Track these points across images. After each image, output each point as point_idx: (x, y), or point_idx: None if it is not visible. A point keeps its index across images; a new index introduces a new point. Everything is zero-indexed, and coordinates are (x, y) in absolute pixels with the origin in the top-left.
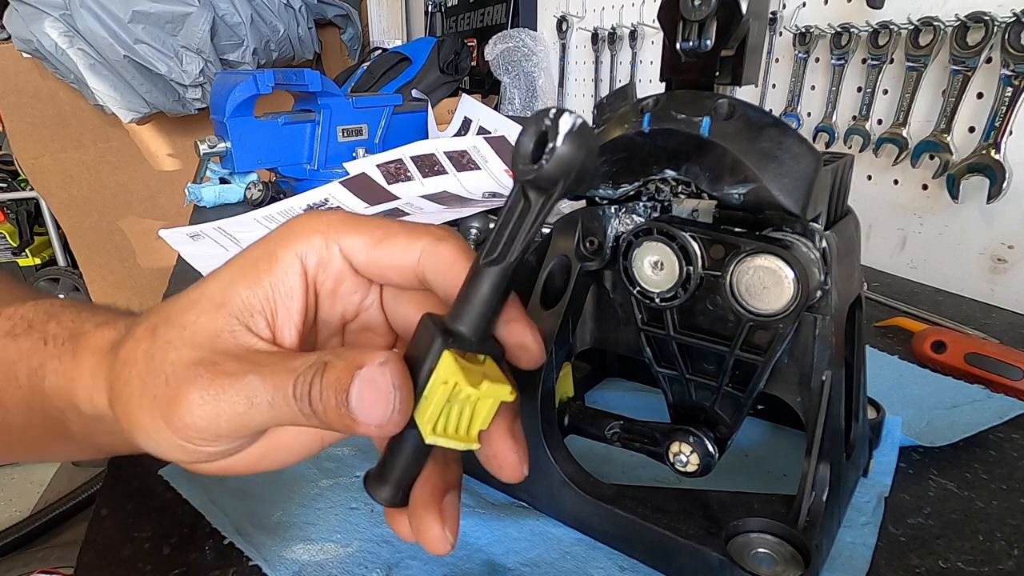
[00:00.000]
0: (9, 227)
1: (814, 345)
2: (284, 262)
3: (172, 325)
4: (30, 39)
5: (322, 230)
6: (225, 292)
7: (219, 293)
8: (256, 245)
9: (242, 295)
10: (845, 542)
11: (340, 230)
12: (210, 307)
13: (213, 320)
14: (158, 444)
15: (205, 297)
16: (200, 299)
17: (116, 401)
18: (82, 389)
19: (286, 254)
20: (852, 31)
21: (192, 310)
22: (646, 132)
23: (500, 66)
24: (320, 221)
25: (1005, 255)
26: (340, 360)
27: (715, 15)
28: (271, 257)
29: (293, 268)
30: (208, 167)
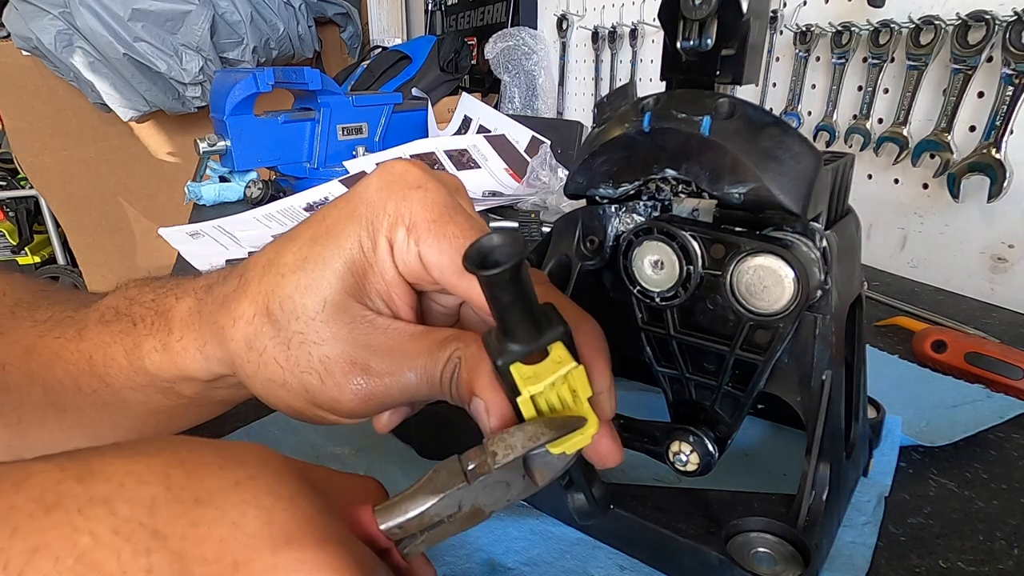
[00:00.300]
0: (8, 225)
1: (814, 345)
2: (381, 248)
3: (295, 314)
4: (29, 37)
5: (406, 225)
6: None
7: (336, 280)
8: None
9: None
10: (845, 541)
11: (423, 234)
12: (330, 295)
13: (341, 310)
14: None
15: (319, 282)
16: (313, 284)
17: (250, 381)
18: (193, 363)
19: (381, 241)
20: (853, 30)
21: (310, 296)
22: (646, 131)
23: (500, 65)
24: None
25: (1005, 254)
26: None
27: (716, 14)
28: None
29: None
30: (208, 165)
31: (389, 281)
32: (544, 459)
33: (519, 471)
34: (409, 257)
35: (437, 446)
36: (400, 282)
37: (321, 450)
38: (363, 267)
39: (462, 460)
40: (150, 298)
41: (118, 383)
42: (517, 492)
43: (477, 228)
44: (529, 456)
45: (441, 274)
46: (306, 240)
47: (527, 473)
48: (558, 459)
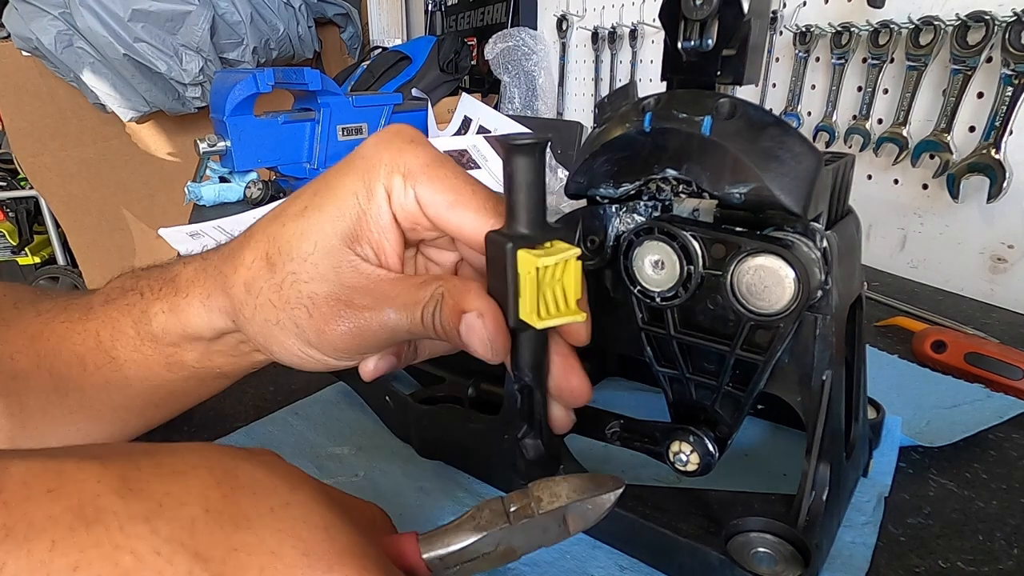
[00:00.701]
0: (8, 226)
1: (814, 345)
2: (377, 197)
3: (289, 257)
4: (29, 37)
5: (402, 172)
6: (334, 225)
7: (329, 225)
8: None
9: (348, 226)
10: (845, 542)
11: (419, 178)
12: (322, 238)
13: (330, 253)
14: (298, 359)
15: (313, 227)
16: (308, 230)
17: (248, 324)
18: (197, 317)
19: (377, 189)
20: (852, 30)
21: (305, 241)
22: (647, 131)
23: (500, 65)
24: (403, 160)
25: (1005, 255)
26: (451, 298)
27: (717, 14)
28: (369, 193)
29: (384, 203)
30: (208, 166)
31: (383, 227)
32: (581, 510)
33: (558, 519)
34: (407, 201)
35: (437, 446)
36: (393, 229)
37: (321, 450)
38: (357, 215)
39: (505, 502)
40: (158, 271)
41: (123, 356)
42: (551, 538)
43: (464, 175)
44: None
45: (436, 211)
46: (308, 194)
47: (563, 522)
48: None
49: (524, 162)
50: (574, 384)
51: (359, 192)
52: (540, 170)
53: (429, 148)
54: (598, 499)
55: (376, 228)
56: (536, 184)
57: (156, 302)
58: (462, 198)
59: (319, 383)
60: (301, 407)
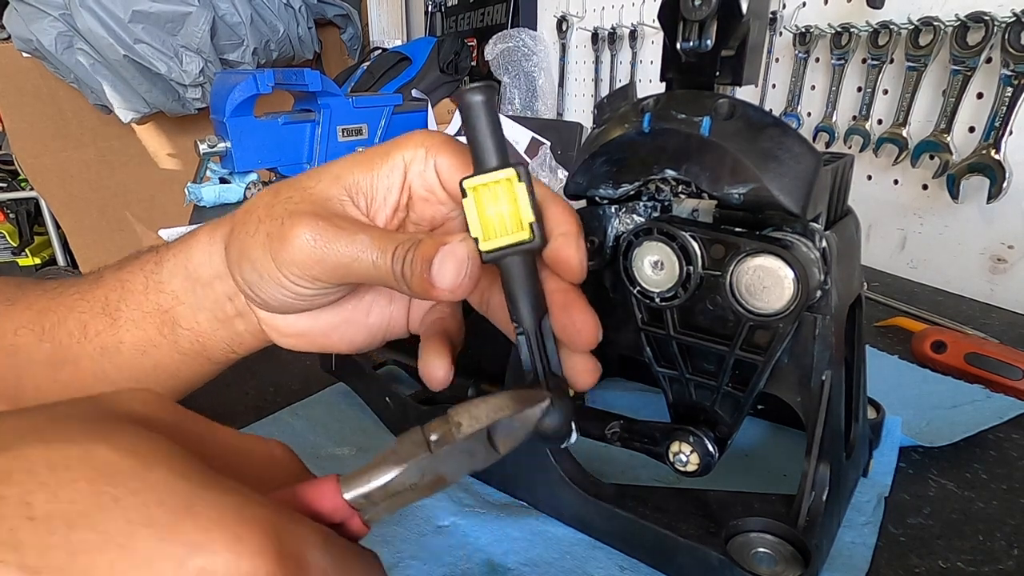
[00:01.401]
0: (9, 227)
1: (814, 345)
2: (392, 161)
3: (293, 187)
4: (30, 39)
5: (427, 145)
6: (343, 171)
7: (338, 170)
8: (378, 146)
9: (355, 175)
10: (845, 542)
11: (439, 149)
12: (328, 178)
13: (328, 187)
14: (260, 277)
15: (326, 171)
16: (322, 172)
17: (232, 242)
18: (200, 251)
19: (396, 155)
20: (852, 31)
21: (312, 178)
22: (646, 132)
23: (500, 66)
24: (427, 138)
25: (1005, 255)
26: (430, 239)
27: (715, 15)
28: (385, 155)
29: (398, 168)
30: (208, 167)
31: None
32: (508, 427)
33: (482, 441)
34: (427, 169)
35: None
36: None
37: (321, 450)
38: (364, 170)
39: (425, 431)
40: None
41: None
42: (480, 461)
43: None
44: (492, 425)
45: (450, 176)
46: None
47: (490, 442)
48: (521, 427)
49: (474, 104)
50: (577, 319)
51: (376, 154)
52: (491, 111)
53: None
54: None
55: (379, 184)
56: (488, 123)
57: (171, 249)
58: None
59: (319, 384)
60: (301, 408)
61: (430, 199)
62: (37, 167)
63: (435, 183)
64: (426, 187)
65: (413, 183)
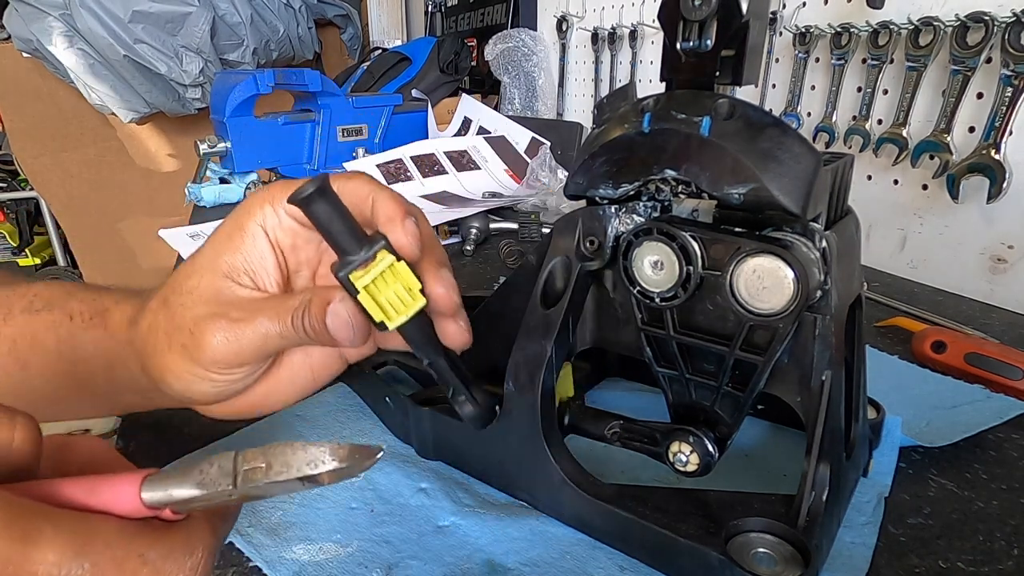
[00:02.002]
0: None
1: (814, 345)
2: (250, 231)
3: (180, 292)
4: (30, 39)
5: (269, 200)
6: (215, 261)
7: (210, 262)
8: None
9: (227, 260)
10: (845, 542)
11: (281, 196)
12: (205, 272)
13: (212, 282)
14: (187, 383)
15: (199, 266)
16: (195, 269)
17: (148, 362)
18: (118, 360)
19: (250, 225)
20: (852, 31)
21: (192, 277)
22: (646, 132)
23: (500, 66)
24: (267, 193)
25: (1005, 255)
26: (317, 298)
27: (715, 15)
28: (240, 230)
29: (259, 235)
30: (208, 167)
31: (258, 255)
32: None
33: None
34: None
35: (436, 446)
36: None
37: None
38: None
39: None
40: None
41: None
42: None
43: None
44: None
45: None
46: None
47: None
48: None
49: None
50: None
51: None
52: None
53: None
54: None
55: (251, 257)
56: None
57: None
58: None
59: None
60: (302, 408)
61: (299, 244)
62: (37, 167)
63: (296, 228)
64: (290, 237)
65: (279, 239)
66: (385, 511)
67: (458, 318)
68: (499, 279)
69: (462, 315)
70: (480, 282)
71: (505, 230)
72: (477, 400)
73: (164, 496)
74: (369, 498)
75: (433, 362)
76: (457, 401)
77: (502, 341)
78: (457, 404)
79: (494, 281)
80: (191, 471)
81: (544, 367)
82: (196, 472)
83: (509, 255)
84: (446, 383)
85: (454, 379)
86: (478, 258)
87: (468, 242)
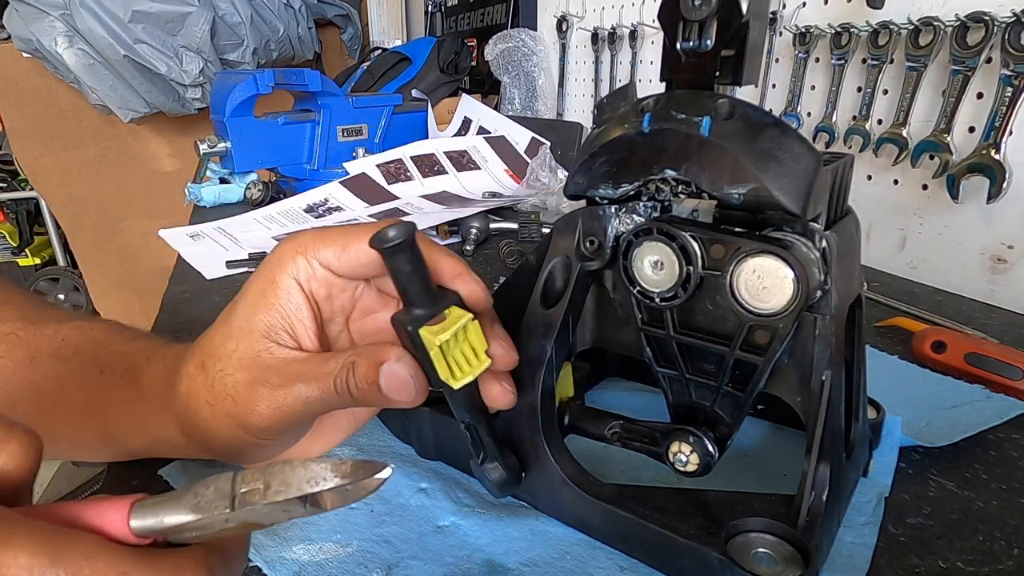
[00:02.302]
0: (9, 227)
1: (814, 345)
2: (284, 285)
3: (218, 357)
4: (30, 39)
5: (301, 251)
6: (250, 321)
7: (245, 323)
8: (257, 276)
9: (263, 320)
10: (845, 542)
11: (314, 247)
12: (242, 335)
13: (249, 345)
14: (237, 449)
15: (235, 329)
16: (231, 332)
17: (191, 428)
18: (154, 422)
19: (283, 279)
20: (852, 31)
21: (229, 341)
22: (646, 132)
23: (500, 66)
24: (298, 243)
25: (1005, 255)
26: (364, 359)
27: (715, 15)
28: (274, 285)
29: (293, 288)
30: (208, 167)
31: (293, 310)
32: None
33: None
34: (315, 270)
35: (437, 446)
36: (305, 308)
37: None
38: (267, 307)
39: (235, 482)
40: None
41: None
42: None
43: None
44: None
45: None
46: (234, 300)
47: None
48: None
49: (397, 258)
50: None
51: (266, 287)
52: (414, 257)
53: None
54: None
55: (288, 314)
56: (414, 270)
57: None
58: (351, 238)
59: None
60: None
61: (334, 292)
62: (37, 167)
63: (330, 278)
64: (325, 287)
65: (314, 291)
66: (385, 511)
67: (505, 380)
68: (499, 279)
69: (509, 378)
70: None
71: (505, 230)
72: (509, 465)
73: (155, 523)
74: (369, 498)
75: (473, 424)
76: (486, 467)
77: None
78: (486, 470)
79: (494, 281)
80: (185, 494)
81: (544, 367)
82: (191, 495)
83: (509, 255)
84: (481, 446)
85: (491, 444)
86: (478, 258)
87: (468, 242)
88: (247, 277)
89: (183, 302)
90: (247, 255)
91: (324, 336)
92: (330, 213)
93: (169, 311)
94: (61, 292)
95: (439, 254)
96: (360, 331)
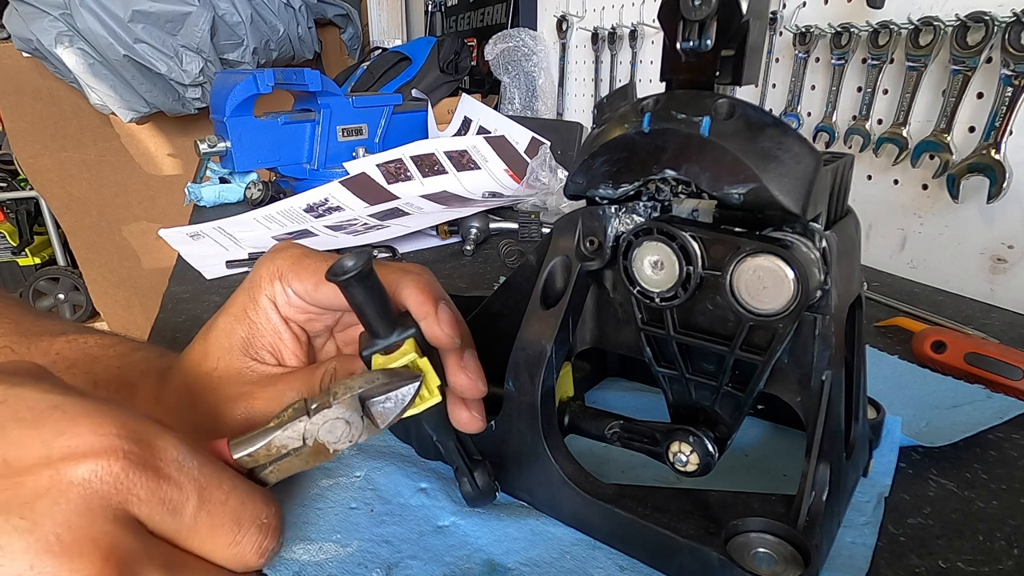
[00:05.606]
0: (9, 227)
1: (814, 345)
2: (262, 306)
3: (198, 375)
4: (30, 38)
5: (278, 276)
6: (231, 338)
7: (226, 340)
8: (239, 293)
9: (243, 337)
10: (845, 542)
11: (288, 275)
12: (223, 353)
13: (230, 363)
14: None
15: (215, 345)
16: (211, 349)
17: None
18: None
19: (261, 299)
20: (852, 31)
21: (209, 358)
22: (646, 132)
23: (500, 66)
24: (275, 267)
25: (1005, 255)
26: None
27: (715, 15)
28: (255, 304)
29: (270, 309)
30: (208, 167)
31: (273, 330)
32: (382, 405)
33: (358, 412)
34: (288, 298)
35: (436, 446)
36: (285, 329)
37: None
38: (248, 326)
39: (308, 401)
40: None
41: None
42: (358, 432)
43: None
44: (369, 402)
45: (309, 297)
46: (216, 314)
47: (367, 416)
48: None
49: (353, 290)
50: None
51: (247, 306)
52: (370, 288)
53: (294, 250)
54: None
55: (267, 333)
56: (370, 300)
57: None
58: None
59: None
60: None
61: (313, 315)
62: (37, 167)
63: (306, 307)
64: (303, 314)
65: (288, 315)
66: (385, 511)
67: (474, 407)
68: (499, 279)
69: (478, 404)
70: (480, 282)
71: (505, 230)
72: (478, 484)
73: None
74: (369, 498)
75: (442, 441)
76: (459, 479)
77: (502, 341)
78: (458, 480)
79: (494, 281)
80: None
81: (544, 367)
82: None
83: (509, 255)
84: (451, 462)
85: (459, 460)
86: (478, 258)
87: (468, 242)
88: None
89: (183, 302)
90: (247, 255)
91: (311, 349)
92: (330, 213)
93: (169, 311)
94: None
95: (410, 288)
96: (345, 339)
